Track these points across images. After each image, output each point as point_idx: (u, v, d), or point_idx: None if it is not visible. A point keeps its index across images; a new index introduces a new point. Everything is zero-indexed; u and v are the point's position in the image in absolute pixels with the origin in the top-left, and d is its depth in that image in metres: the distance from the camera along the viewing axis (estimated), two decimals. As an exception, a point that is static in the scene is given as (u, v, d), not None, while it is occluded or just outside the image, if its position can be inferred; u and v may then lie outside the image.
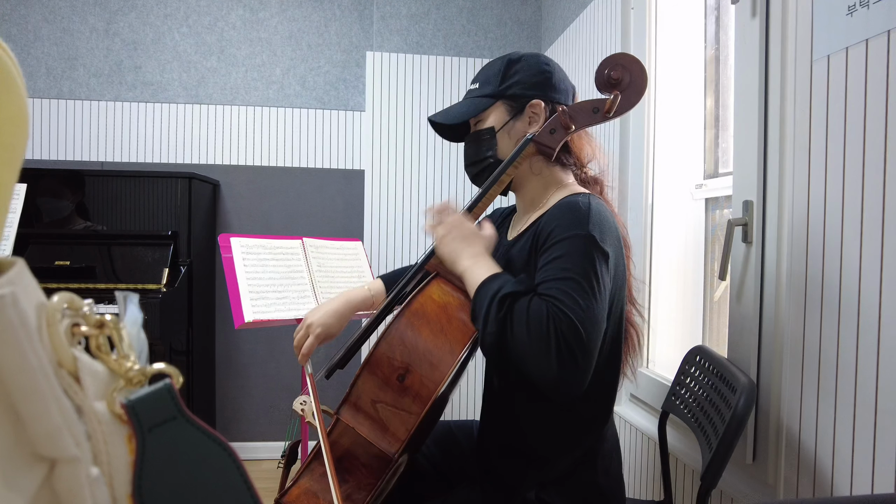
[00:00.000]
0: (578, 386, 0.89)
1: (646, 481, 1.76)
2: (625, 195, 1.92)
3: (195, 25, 2.93)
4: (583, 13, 2.35)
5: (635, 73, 1.01)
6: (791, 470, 1.15)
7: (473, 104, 1.15)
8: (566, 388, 0.89)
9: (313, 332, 1.20)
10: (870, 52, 0.96)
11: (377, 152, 2.93)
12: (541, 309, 0.89)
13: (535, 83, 1.12)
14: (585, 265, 0.92)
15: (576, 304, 0.89)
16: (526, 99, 1.11)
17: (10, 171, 0.30)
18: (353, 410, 1.04)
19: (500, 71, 1.13)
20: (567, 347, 0.86)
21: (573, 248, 0.94)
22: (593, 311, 0.90)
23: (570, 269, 0.92)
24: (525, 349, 0.89)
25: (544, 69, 1.13)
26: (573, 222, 0.97)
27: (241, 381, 2.98)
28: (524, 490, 1.08)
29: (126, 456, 0.29)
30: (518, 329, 0.90)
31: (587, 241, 0.94)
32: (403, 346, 1.02)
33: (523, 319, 0.90)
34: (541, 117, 1.11)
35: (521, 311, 0.90)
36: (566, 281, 0.91)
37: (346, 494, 1.02)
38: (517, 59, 1.14)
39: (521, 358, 0.90)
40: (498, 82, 1.13)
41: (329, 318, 1.23)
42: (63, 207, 2.52)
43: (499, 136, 1.13)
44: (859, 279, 0.98)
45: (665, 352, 1.79)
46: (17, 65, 0.29)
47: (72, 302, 0.29)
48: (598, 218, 0.98)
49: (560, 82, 1.14)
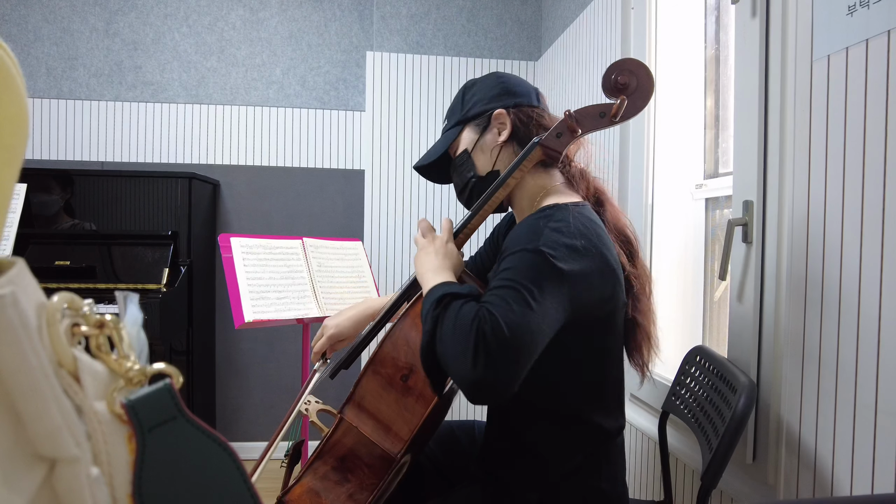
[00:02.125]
0: (498, 389, 0.85)
1: (646, 481, 1.76)
2: (625, 195, 1.92)
3: (195, 25, 2.93)
4: (583, 13, 2.35)
5: (642, 78, 1.01)
6: (791, 470, 1.15)
7: (445, 138, 1.19)
8: (483, 391, 0.85)
9: (326, 334, 1.33)
10: (870, 52, 0.96)
11: (377, 152, 2.93)
12: (470, 311, 0.88)
13: (493, 95, 1.15)
14: (530, 276, 0.90)
15: (508, 309, 0.87)
16: (488, 112, 1.14)
17: (10, 172, 0.30)
18: (356, 410, 1.04)
19: (459, 100, 1.19)
20: (486, 349, 0.84)
21: (520, 262, 0.93)
22: (526, 318, 0.87)
23: (512, 280, 0.90)
24: (447, 348, 0.89)
25: (498, 81, 1.16)
26: (527, 236, 0.96)
27: (241, 381, 2.98)
28: (527, 492, 1.08)
29: (126, 456, 0.29)
30: (446, 326, 0.90)
31: (535, 255, 0.92)
32: (408, 347, 1.03)
33: (452, 317, 0.90)
34: (507, 124, 1.13)
35: (453, 310, 0.91)
36: (505, 289, 0.90)
37: (348, 494, 1.02)
38: (472, 84, 1.19)
39: (443, 358, 0.90)
40: (460, 109, 1.18)
41: (344, 322, 1.34)
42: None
43: (473, 155, 1.15)
44: (859, 279, 0.98)
45: (665, 352, 1.79)
46: (17, 65, 0.29)
47: (72, 302, 0.30)
48: (552, 236, 0.94)
49: (516, 86, 1.16)
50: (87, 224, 2.54)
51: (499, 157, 1.14)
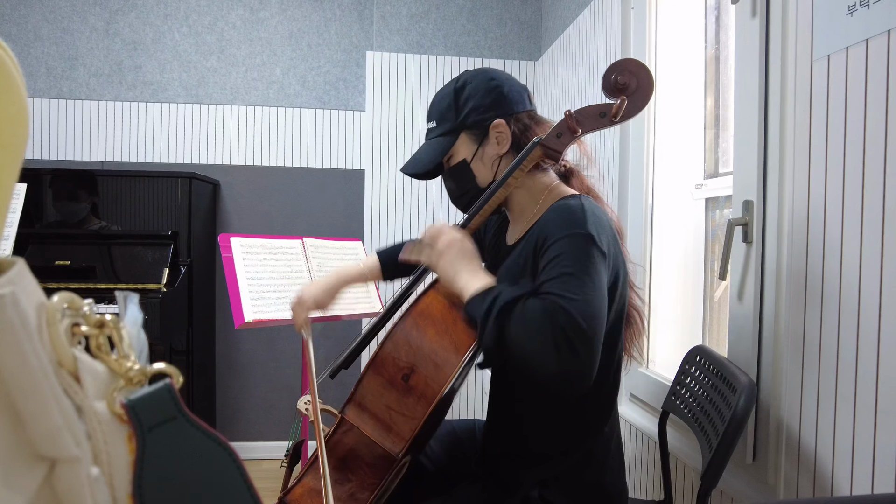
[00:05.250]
0: (584, 377, 0.88)
1: (646, 481, 1.76)
2: (625, 195, 1.92)
3: (195, 25, 2.93)
4: (583, 13, 2.35)
5: (642, 79, 1.01)
6: (791, 470, 1.15)
7: (439, 145, 1.14)
8: (571, 382, 0.88)
9: (303, 305, 1.30)
10: (870, 52, 0.96)
11: (377, 152, 2.93)
12: (537, 306, 0.89)
13: (490, 104, 1.11)
14: (583, 261, 0.92)
15: (573, 297, 0.88)
16: (486, 122, 1.11)
17: (10, 172, 0.30)
18: (357, 409, 1.05)
19: (451, 104, 1.13)
20: (566, 339, 0.86)
21: (570, 247, 0.94)
22: (592, 303, 0.89)
23: (568, 266, 0.92)
24: (525, 348, 0.89)
25: (493, 86, 1.12)
26: (569, 223, 0.97)
27: (241, 381, 2.98)
28: (527, 488, 1.08)
29: (126, 456, 0.29)
30: (516, 329, 0.90)
31: (585, 240, 0.94)
32: (409, 347, 1.03)
33: (521, 319, 0.90)
34: (506, 134, 1.12)
35: (518, 312, 0.91)
36: (563, 277, 0.91)
37: (349, 494, 1.02)
38: (462, 85, 1.14)
39: (523, 357, 0.90)
40: (454, 116, 1.13)
41: (319, 290, 1.33)
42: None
43: (473, 166, 1.14)
44: (859, 278, 0.98)
45: (665, 351, 1.79)
46: (17, 65, 0.29)
47: (72, 302, 0.30)
48: (593, 219, 0.98)
49: (511, 91, 1.14)
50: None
51: (499, 168, 1.13)
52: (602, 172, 2.09)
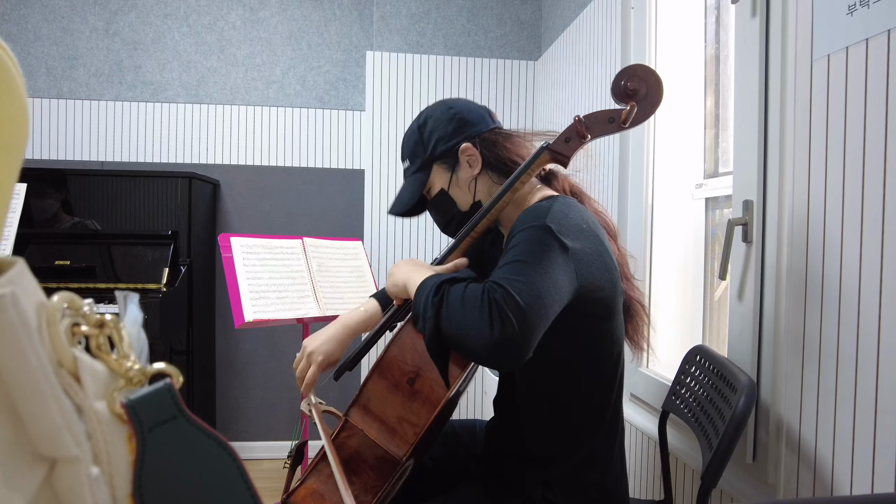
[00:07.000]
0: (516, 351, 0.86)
1: (646, 481, 1.76)
2: (625, 195, 1.92)
3: (195, 25, 2.93)
4: (583, 13, 2.35)
5: (651, 85, 1.01)
6: (791, 469, 1.15)
7: (416, 181, 1.19)
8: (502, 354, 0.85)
9: (315, 361, 1.18)
10: (870, 52, 0.96)
11: (377, 152, 2.93)
12: (477, 288, 0.89)
13: (453, 131, 1.16)
14: (535, 250, 0.92)
15: (515, 279, 0.88)
16: (454, 149, 1.15)
17: (10, 172, 0.30)
18: (362, 412, 1.05)
19: (417, 140, 1.18)
20: (499, 312, 0.84)
21: (526, 237, 0.95)
22: (534, 285, 0.88)
23: (519, 255, 0.92)
24: (460, 324, 0.88)
25: (452, 114, 1.17)
26: (531, 218, 0.98)
27: (241, 381, 2.98)
28: (529, 489, 1.08)
29: (126, 455, 0.29)
30: (453, 307, 0.89)
31: (541, 231, 0.94)
32: (414, 351, 1.03)
33: (458, 297, 0.90)
34: (476, 156, 1.15)
35: (456, 291, 0.91)
36: (512, 264, 0.91)
37: (352, 496, 1.02)
38: (423, 122, 1.18)
39: (458, 334, 0.88)
40: (422, 151, 1.17)
41: (329, 344, 1.21)
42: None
43: (451, 192, 1.18)
44: (859, 278, 0.98)
45: (665, 351, 1.79)
46: (17, 64, 0.29)
47: (72, 302, 0.30)
48: (558, 215, 0.98)
49: (471, 114, 1.17)
50: (88, 222, 2.54)
51: (477, 189, 1.16)
52: (602, 172, 2.10)
